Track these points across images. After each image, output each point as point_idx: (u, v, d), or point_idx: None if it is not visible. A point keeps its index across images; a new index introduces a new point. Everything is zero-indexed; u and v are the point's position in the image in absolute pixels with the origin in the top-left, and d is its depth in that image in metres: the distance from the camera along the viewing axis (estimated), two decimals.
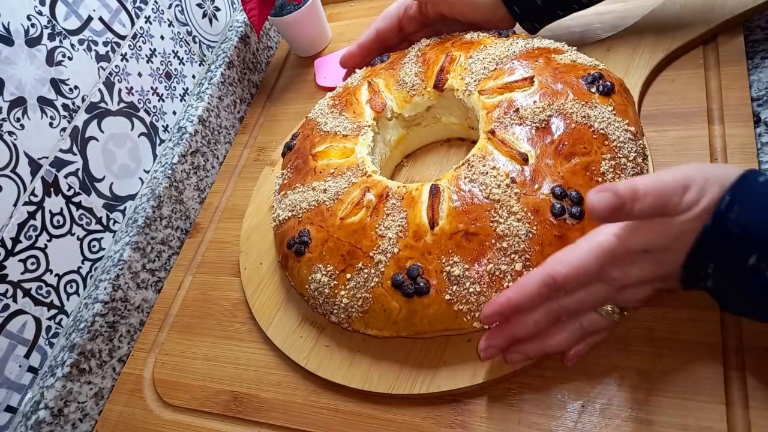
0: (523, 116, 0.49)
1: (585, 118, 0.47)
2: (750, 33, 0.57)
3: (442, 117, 0.60)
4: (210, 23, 0.83)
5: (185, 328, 0.63)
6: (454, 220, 0.46)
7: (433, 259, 0.46)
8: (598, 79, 0.50)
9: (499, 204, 0.45)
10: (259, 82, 0.88)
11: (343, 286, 0.49)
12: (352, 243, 0.49)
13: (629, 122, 0.48)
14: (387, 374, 0.48)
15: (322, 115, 0.62)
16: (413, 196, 0.50)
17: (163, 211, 0.69)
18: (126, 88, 0.69)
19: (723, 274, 0.37)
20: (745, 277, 0.35)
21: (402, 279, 0.46)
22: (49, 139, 0.60)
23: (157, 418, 0.57)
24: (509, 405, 0.45)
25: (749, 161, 0.49)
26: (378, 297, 0.48)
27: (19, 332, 0.56)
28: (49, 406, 0.55)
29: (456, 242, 0.46)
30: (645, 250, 0.38)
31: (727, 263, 0.36)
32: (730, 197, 0.35)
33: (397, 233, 0.48)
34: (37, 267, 0.58)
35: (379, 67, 0.63)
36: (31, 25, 0.58)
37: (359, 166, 0.55)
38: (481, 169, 0.48)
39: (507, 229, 0.45)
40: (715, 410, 0.40)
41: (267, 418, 0.52)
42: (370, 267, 0.48)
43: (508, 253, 0.44)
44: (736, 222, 0.35)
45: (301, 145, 0.61)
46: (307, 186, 0.56)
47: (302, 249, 0.52)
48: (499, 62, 0.54)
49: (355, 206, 0.51)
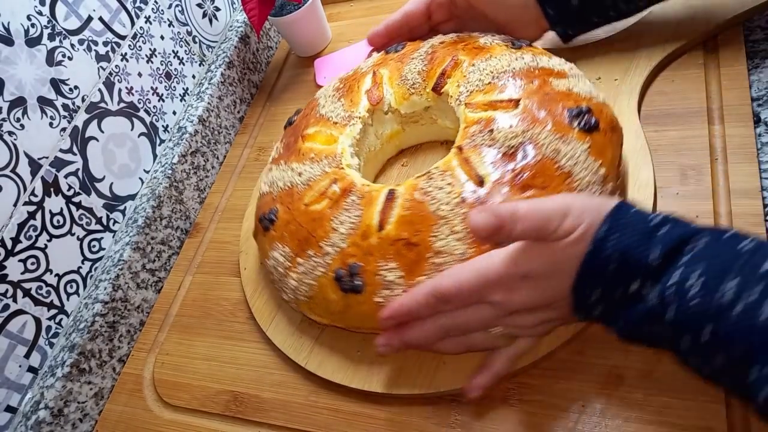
0: (495, 138, 0.48)
1: (554, 153, 0.46)
2: (750, 33, 0.57)
3: (438, 119, 0.60)
4: (210, 23, 0.83)
5: (185, 328, 0.63)
6: (400, 227, 0.47)
7: (373, 260, 0.47)
8: (583, 114, 0.47)
9: (444, 221, 0.46)
10: (259, 82, 0.88)
11: (295, 269, 0.51)
12: (310, 230, 0.51)
13: (603, 164, 0.46)
14: (387, 374, 0.48)
15: (324, 96, 0.64)
16: (372, 196, 0.50)
17: (163, 211, 0.69)
18: (126, 88, 0.69)
19: (609, 301, 0.37)
20: (629, 304, 0.36)
21: (343, 274, 0.48)
22: (49, 139, 0.60)
23: (157, 418, 0.57)
24: (509, 405, 0.45)
25: (749, 161, 0.49)
26: (321, 286, 0.50)
27: (19, 332, 0.56)
28: (49, 406, 0.55)
29: (396, 249, 0.47)
30: (525, 275, 0.39)
31: (611, 290, 0.36)
32: (609, 224, 0.36)
33: (348, 229, 0.49)
34: (37, 267, 0.58)
35: (391, 56, 0.63)
36: (31, 25, 0.58)
37: (336, 156, 0.56)
38: (438, 183, 0.48)
39: (445, 246, 0.45)
40: (715, 410, 0.39)
41: (267, 418, 0.52)
42: (319, 257, 0.50)
43: (440, 269, 0.45)
44: (615, 247, 0.35)
45: (299, 123, 0.63)
46: (288, 165, 0.58)
47: (268, 226, 0.55)
48: (496, 76, 0.53)
49: (320, 195, 0.53)
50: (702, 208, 0.48)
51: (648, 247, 0.35)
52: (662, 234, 0.35)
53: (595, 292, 0.37)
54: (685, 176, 0.50)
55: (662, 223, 0.36)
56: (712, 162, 0.50)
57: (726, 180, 0.49)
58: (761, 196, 0.46)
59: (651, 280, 0.35)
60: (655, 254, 0.34)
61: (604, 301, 0.37)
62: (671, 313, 0.33)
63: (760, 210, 0.46)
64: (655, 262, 0.34)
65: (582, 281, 0.37)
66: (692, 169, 0.50)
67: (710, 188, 0.49)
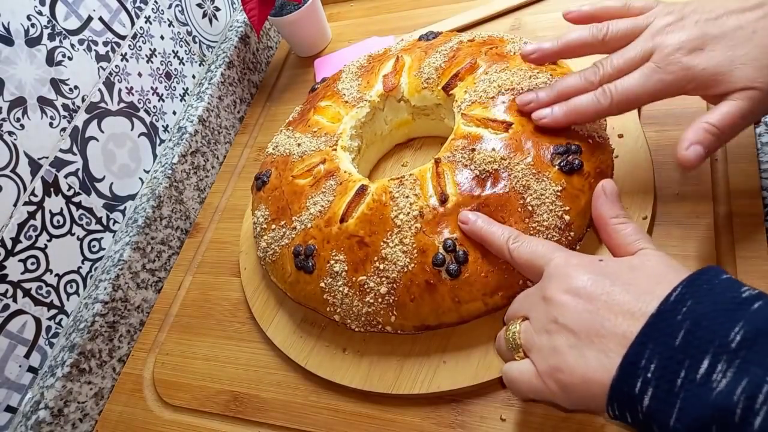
0: (474, 159, 0.47)
1: (523, 188, 0.45)
2: None
3: (445, 119, 0.60)
4: (210, 23, 0.83)
5: (185, 328, 0.63)
6: (359, 225, 0.49)
7: (328, 248, 0.49)
8: (569, 153, 0.46)
9: (398, 230, 0.47)
10: (259, 82, 0.88)
11: (268, 232, 0.55)
12: (288, 202, 0.55)
13: (570, 211, 0.45)
14: (387, 374, 0.48)
15: (348, 70, 0.65)
16: (348, 186, 0.52)
17: (163, 211, 0.69)
18: (126, 88, 0.69)
19: (665, 383, 0.29)
20: (691, 388, 0.28)
21: (299, 251, 0.51)
22: (49, 139, 0.60)
23: (157, 418, 0.57)
24: (509, 405, 0.45)
25: (749, 161, 0.48)
26: (282, 255, 0.53)
27: (19, 332, 0.56)
28: (49, 406, 0.55)
29: (350, 244, 0.48)
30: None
31: (670, 367, 0.29)
32: (684, 289, 0.31)
33: (317, 212, 0.52)
34: (37, 267, 0.58)
35: (421, 43, 0.63)
36: (31, 25, 0.58)
37: (334, 136, 0.58)
38: (407, 191, 0.48)
39: (391, 254, 0.46)
40: None
41: (267, 418, 0.52)
42: (287, 228, 0.53)
43: (381, 274, 0.46)
44: (687, 315, 0.29)
45: (319, 92, 0.65)
46: (293, 133, 0.61)
47: (261, 185, 0.59)
48: (501, 92, 0.51)
49: (308, 171, 0.56)
50: (702, 208, 0.48)
51: (731, 323, 0.28)
52: (755, 309, 0.28)
53: (650, 367, 0.29)
54: (685, 176, 0.50)
55: (757, 298, 0.29)
56: (712, 162, 0.50)
57: (726, 180, 0.48)
58: (761, 196, 0.46)
59: (728, 364, 0.27)
60: (737, 332, 0.28)
61: (659, 380, 0.29)
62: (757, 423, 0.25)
63: (760, 210, 0.46)
64: (735, 342, 0.27)
65: (637, 350, 0.30)
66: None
67: (710, 188, 0.49)
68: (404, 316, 0.47)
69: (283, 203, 0.55)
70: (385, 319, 0.47)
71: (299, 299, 0.53)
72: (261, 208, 0.58)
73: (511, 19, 0.73)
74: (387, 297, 0.46)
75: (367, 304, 0.47)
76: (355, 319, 0.49)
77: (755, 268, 0.43)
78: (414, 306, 0.46)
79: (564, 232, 0.45)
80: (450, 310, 0.46)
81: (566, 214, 0.45)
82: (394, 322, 0.47)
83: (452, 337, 0.48)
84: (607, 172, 0.47)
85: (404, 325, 0.47)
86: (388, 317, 0.47)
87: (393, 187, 0.49)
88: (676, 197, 0.49)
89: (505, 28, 0.73)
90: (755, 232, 0.45)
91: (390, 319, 0.47)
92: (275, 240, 0.54)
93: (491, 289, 0.45)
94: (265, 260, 0.56)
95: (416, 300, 0.46)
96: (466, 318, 0.46)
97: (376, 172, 0.65)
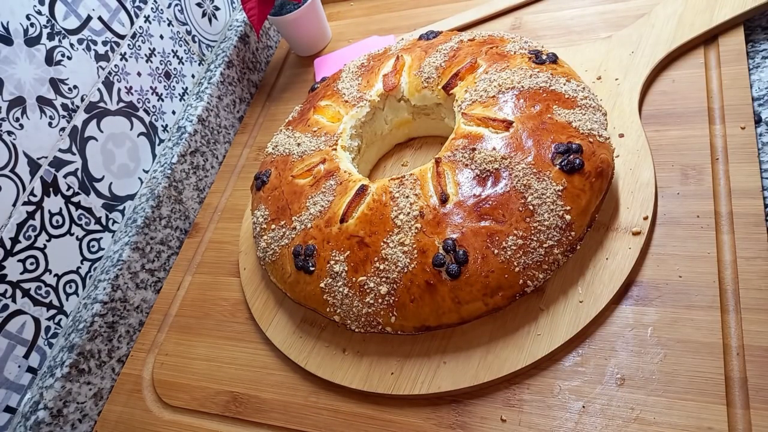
0: (475, 158, 0.47)
1: (524, 187, 0.45)
2: (750, 33, 0.57)
3: (446, 118, 0.60)
4: (209, 23, 0.83)
5: (184, 328, 0.63)
6: (359, 225, 0.49)
7: (328, 248, 0.49)
8: (570, 152, 0.46)
9: (398, 230, 0.47)
10: (258, 81, 0.87)
11: (268, 232, 0.55)
12: (288, 202, 0.55)
13: (571, 210, 0.45)
14: (387, 374, 0.48)
15: (348, 69, 0.65)
16: (348, 186, 0.52)
17: (163, 211, 0.69)
18: (125, 88, 0.69)
19: None
20: None
21: (299, 251, 0.51)
22: (48, 138, 0.59)
23: (157, 419, 0.57)
24: (509, 405, 0.45)
25: (750, 161, 0.48)
26: (282, 256, 0.53)
27: (18, 332, 0.56)
28: (49, 407, 0.55)
29: (350, 244, 0.48)
30: None
31: None
32: None
33: (317, 212, 0.52)
34: (36, 267, 0.58)
35: (421, 42, 0.62)
36: (30, 25, 0.58)
37: (334, 136, 0.58)
38: (407, 191, 0.48)
39: (391, 254, 0.46)
40: (716, 410, 0.39)
41: (267, 419, 0.52)
42: (287, 228, 0.53)
43: (381, 275, 0.47)
44: None
45: (319, 91, 0.65)
46: (293, 132, 0.61)
47: (260, 185, 0.60)
48: (502, 91, 0.51)
49: (308, 171, 0.56)
50: (703, 207, 0.48)
51: None
52: None
53: None
54: (686, 176, 0.50)
55: None
56: (713, 162, 0.50)
57: (727, 180, 0.48)
58: (762, 195, 0.46)
59: None
60: None
61: None
62: None
63: (761, 210, 0.46)
64: None
65: None
66: (693, 169, 0.50)
67: (711, 188, 0.49)
68: (404, 316, 0.47)
69: (282, 203, 0.55)
70: (385, 320, 0.47)
71: (299, 299, 0.53)
72: (260, 208, 0.57)
73: (512, 19, 0.73)
74: (387, 297, 0.46)
75: (367, 304, 0.47)
76: (355, 319, 0.48)
77: (755, 268, 0.43)
78: (414, 306, 0.46)
79: (565, 232, 0.45)
80: (450, 311, 0.46)
81: (567, 213, 0.45)
82: (394, 323, 0.47)
83: (452, 337, 0.48)
84: (608, 171, 0.47)
85: (404, 325, 0.47)
86: (388, 318, 0.47)
87: (393, 187, 0.49)
88: (677, 197, 0.49)
89: (505, 27, 0.73)
90: (755, 232, 0.45)
91: (390, 320, 0.47)
92: (275, 240, 0.54)
93: (491, 289, 0.44)
94: (265, 260, 0.56)
95: (416, 300, 0.46)
96: (466, 318, 0.46)
97: (376, 172, 0.65)
